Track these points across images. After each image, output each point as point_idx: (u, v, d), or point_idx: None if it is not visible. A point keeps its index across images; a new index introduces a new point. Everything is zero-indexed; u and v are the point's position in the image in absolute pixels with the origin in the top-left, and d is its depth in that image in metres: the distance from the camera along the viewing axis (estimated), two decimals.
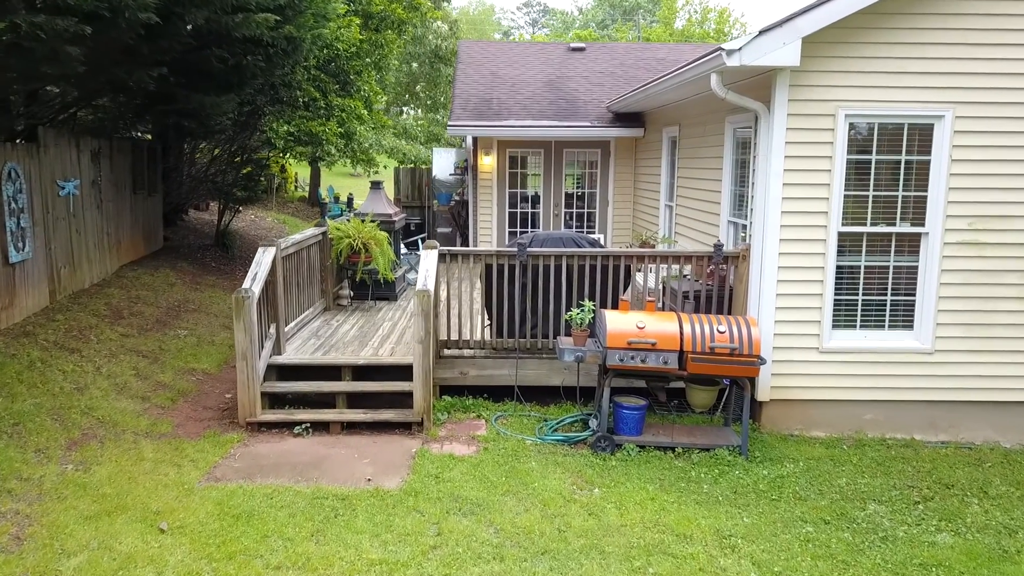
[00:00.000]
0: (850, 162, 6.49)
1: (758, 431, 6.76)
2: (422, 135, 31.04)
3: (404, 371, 6.81)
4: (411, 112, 35.96)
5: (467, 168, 14.34)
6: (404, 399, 6.71)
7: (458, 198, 15.23)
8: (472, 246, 12.70)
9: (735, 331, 5.94)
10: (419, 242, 14.08)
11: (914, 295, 6.70)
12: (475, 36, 43.73)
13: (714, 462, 6.03)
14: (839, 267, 6.62)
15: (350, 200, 22.52)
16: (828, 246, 6.53)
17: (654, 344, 5.96)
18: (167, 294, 10.20)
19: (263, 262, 6.89)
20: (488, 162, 12.47)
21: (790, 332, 6.65)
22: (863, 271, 6.67)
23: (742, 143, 7.59)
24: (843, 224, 6.54)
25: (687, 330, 5.98)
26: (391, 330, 8.31)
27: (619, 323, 6.06)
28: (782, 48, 6.00)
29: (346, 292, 9.58)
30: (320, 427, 6.55)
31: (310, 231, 8.69)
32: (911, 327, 6.74)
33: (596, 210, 12.96)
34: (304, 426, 6.50)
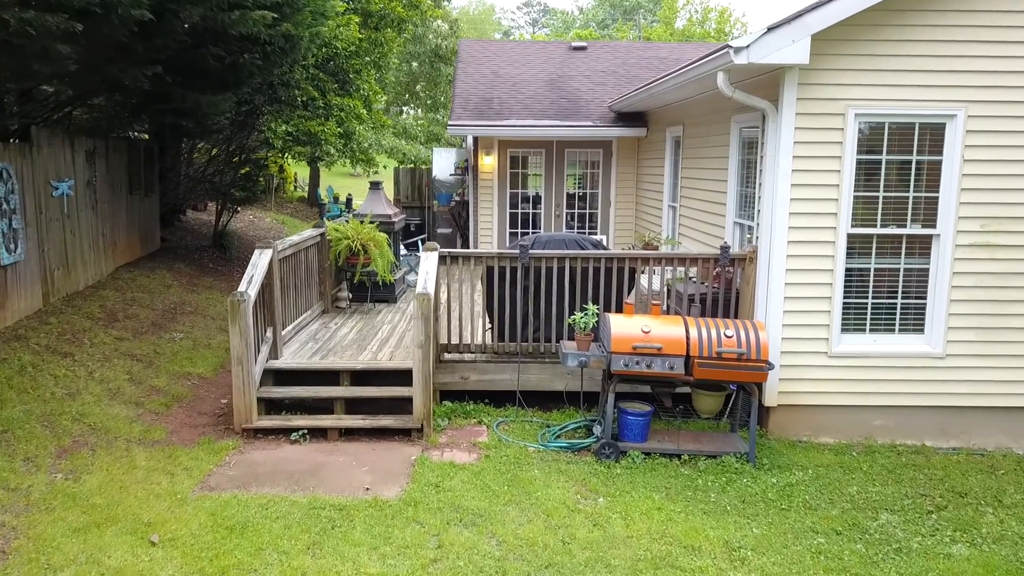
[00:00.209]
0: (860, 162, 6.34)
1: (765, 437, 6.62)
2: (422, 135, 30.90)
3: (403, 376, 6.65)
4: (411, 112, 35.82)
5: (467, 168, 14.18)
6: (404, 404, 6.55)
7: (458, 198, 15.07)
8: (472, 247, 12.56)
9: (742, 335, 5.80)
10: (419, 243, 13.93)
11: (925, 298, 6.55)
12: (475, 36, 43.55)
13: (721, 469, 5.88)
14: (848, 270, 6.48)
15: (349, 200, 22.38)
16: (837, 248, 6.39)
17: (660, 349, 5.81)
18: (163, 296, 10.04)
19: (259, 264, 6.75)
20: (489, 162, 12.33)
21: (798, 336, 6.50)
22: (873, 274, 6.52)
23: (748, 143, 7.44)
24: (853, 226, 6.39)
25: (694, 334, 5.83)
26: (390, 333, 8.16)
27: (624, 327, 5.91)
28: (791, 46, 5.86)
29: (345, 294, 9.43)
30: (318, 433, 6.40)
31: (308, 232, 8.53)
32: (922, 331, 6.59)
33: (598, 211, 12.81)
34: (301, 432, 6.36)
